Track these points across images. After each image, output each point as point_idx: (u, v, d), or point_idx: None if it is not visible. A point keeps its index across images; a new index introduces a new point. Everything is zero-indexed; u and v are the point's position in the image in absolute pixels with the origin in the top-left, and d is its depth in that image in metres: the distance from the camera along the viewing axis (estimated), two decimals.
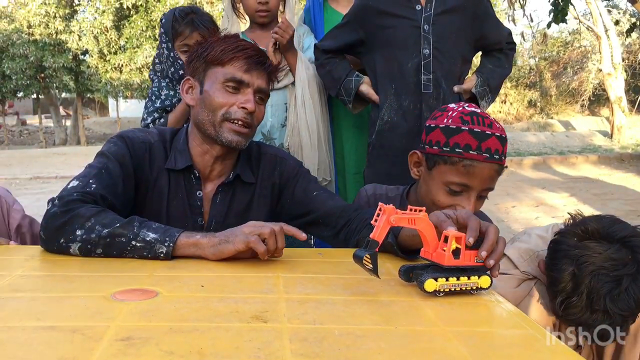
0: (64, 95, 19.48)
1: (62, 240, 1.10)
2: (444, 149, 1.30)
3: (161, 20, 2.04)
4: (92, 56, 14.83)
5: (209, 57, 1.33)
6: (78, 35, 14.50)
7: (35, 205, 6.71)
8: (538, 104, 19.44)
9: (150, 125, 1.96)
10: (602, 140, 14.04)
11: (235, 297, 0.89)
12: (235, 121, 1.32)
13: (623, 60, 15.62)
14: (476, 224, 0.94)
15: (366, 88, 2.01)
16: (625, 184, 7.81)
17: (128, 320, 0.77)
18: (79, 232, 1.09)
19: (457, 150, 1.28)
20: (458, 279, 0.92)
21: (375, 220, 0.90)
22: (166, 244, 1.08)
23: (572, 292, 1.20)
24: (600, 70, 15.12)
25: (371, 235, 0.89)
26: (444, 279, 0.91)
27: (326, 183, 2.07)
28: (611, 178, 8.43)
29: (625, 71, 15.95)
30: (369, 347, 0.72)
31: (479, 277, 0.94)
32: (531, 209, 6.23)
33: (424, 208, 0.93)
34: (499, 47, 2.07)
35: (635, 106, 17.27)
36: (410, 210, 0.93)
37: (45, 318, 0.78)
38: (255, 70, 1.33)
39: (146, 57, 13.93)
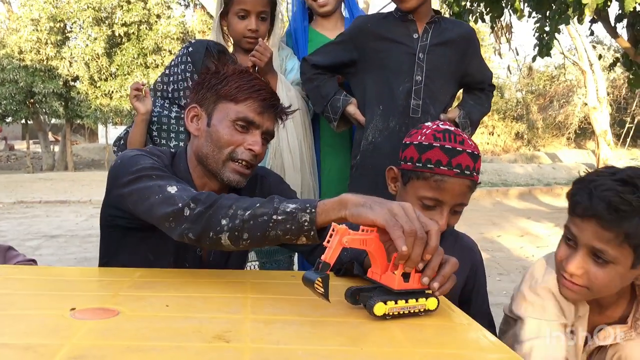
0: (53, 121, 19.43)
1: (211, 235, 1.04)
2: (417, 164, 1.34)
3: (187, 47, 2.00)
4: (82, 82, 14.87)
5: (223, 92, 1.30)
6: (69, 61, 14.54)
7: (16, 230, 6.63)
8: (525, 136, 19.68)
9: (123, 135, 1.96)
10: None
11: (200, 317, 0.87)
12: (240, 161, 1.30)
13: (608, 94, 15.91)
14: (420, 247, 0.90)
15: (353, 109, 2.02)
16: None
17: (84, 338, 0.75)
18: (224, 222, 1.03)
19: (428, 165, 1.32)
20: (406, 302, 0.91)
21: (328, 242, 0.87)
22: (308, 211, 0.98)
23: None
24: (586, 104, 15.38)
25: (322, 257, 0.86)
26: (393, 302, 0.90)
27: None
28: None
29: (610, 105, 16.24)
30: None
31: (426, 299, 0.93)
32: (516, 238, 6.24)
33: (376, 228, 0.91)
34: (481, 87, 2.15)
35: (620, 140, 17.53)
36: (363, 230, 0.90)
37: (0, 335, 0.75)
38: (266, 113, 1.32)
39: None
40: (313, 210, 0.98)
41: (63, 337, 0.75)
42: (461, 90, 2.21)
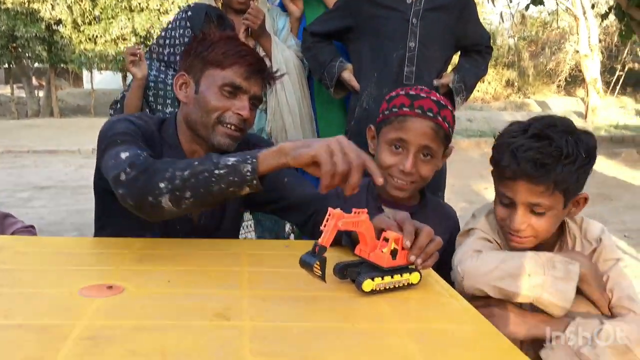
0: (36, 65, 18.97)
1: (150, 199, 1.06)
2: (385, 113, 1.47)
3: (186, 11, 1.99)
4: (65, 26, 14.48)
5: (209, 58, 1.32)
6: (51, 4, 14.11)
7: (6, 180, 6.63)
8: (516, 83, 19.61)
9: (119, 99, 1.99)
10: (576, 121, 14.07)
11: (200, 294, 0.92)
12: (229, 125, 1.32)
13: (600, 41, 15.81)
14: (411, 228, 1.00)
15: (348, 75, 2.04)
16: (594, 167, 7.96)
17: (94, 318, 0.80)
18: (162, 185, 1.05)
19: (393, 110, 1.44)
20: (392, 277, 0.97)
21: (324, 226, 0.92)
22: (249, 161, 1.03)
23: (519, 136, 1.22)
24: (577, 51, 15.30)
25: (319, 241, 0.91)
26: (380, 278, 0.96)
27: None
28: None
29: (602, 53, 16.17)
30: (326, 346, 0.76)
31: (410, 274, 1.00)
32: None
33: (366, 210, 0.96)
34: (478, 49, 2.14)
35: (610, 87, 17.54)
36: (354, 213, 0.96)
37: (13, 315, 0.80)
38: (253, 78, 1.33)
39: (121, 29, 13.65)
40: (254, 160, 1.03)
41: (74, 317, 0.80)
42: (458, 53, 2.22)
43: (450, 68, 2.17)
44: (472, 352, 0.78)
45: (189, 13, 1.96)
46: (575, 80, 18.62)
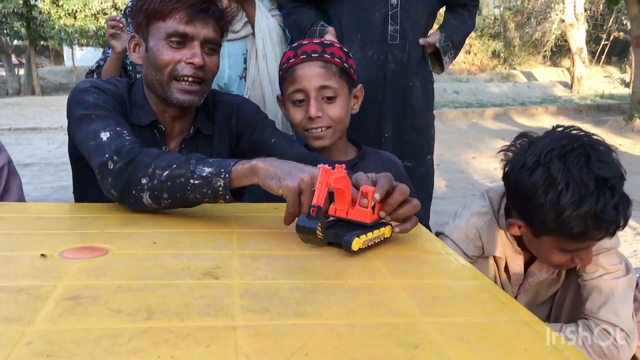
0: (15, 42, 18.56)
1: (134, 192, 1.06)
2: (279, 74, 1.52)
3: None
4: (43, 1, 14.10)
5: (149, 11, 1.24)
6: None
7: None
8: (502, 54, 19.55)
9: (95, 68, 1.93)
10: (562, 91, 14.29)
11: (188, 254, 0.89)
12: (184, 78, 1.25)
13: (585, 10, 15.75)
14: (384, 182, 0.95)
15: (330, 38, 1.98)
16: None
17: (76, 279, 0.76)
18: (144, 181, 1.05)
19: (283, 67, 1.48)
20: (372, 233, 0.94)
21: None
22: (222, 176, 1.03)
23: (554, 189, 1.15)
24: (563, 20, 15.23)
25: (314, 202, 0.88)
26: (364, 235, 0.92)
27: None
28: None
29: (587, 22, 16.12)
30: (319, 302, 0.73)
31: (384, 227, 0.97)
32: (491, 160, 6.36)
33: (344, 165, 0.93)
34: (463, 3, 2.09)
35: (595, 57, 17.55)
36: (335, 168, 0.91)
37: None
38: (198, 20, 1.24)
39: (101, 3, 13.33)
40: (227, 175, 1.03)
41: (55, 278, 0.76)
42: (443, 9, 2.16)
43: (435, 26, 2.12)
44: (471, 305, 0.76)
45: None
46: (560, 50, 18.62)
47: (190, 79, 1.26)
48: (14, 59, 18.13)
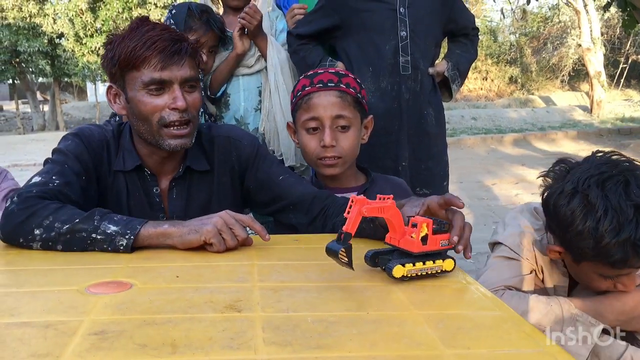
0: (40, 80, 19.09)
1: (21, 240, 1.11)
2: (293, 102, 1.52)
3: (171, 10, 1.99)
4: (67, 39, 14.52)
5: (122, 62, 1.22)
6: (53, 18, 14.17)
7: None
8: (519, 80, 19.52)
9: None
10: (582, 115, 14.18)
11: (210, 287, 0.90)
12: (172, 124, 1.24)
13: (602, 34, 15.72)
14: (460, 219, 0.98)
15: None
16: None
17: (102, 314, 0.78)
18: (37, 232, 1.09)
19: (298, 94, 1.50)
20: (424, 264, 0.94)
21: (348, 212, 0.90)
22: (127, 237, 1.08)
23: (592, 216, 1.13)
24: (580, 45, 15.20)
25: (344, 228, 0.89)
26: (411, 264, 0.93)
27: (303, 169, 2.07)
28: (590, 154, 8.53)
29: (604, 46, 16.08)
30: (341, 334, 0.73)
31: (443, 261, 0.97)
32: (511, 186, 6.31)
33: (392, 195, 0.94)
34: (465, 32, 2.16)
35: (614, 81, 17.44)
36: (379, 199, 0.94)
37: (19, 314, 0.78)
38: (172, 63, 1.21)
39: None
40: (132, 237, 1.08)
41: (81, 313, 0.78)
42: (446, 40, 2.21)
43: (440, 56, 2.17)
44: (494, 336, 0.75)
45: (173, 11, 1.97)
46: (578, 74, 18.52)
47: (177, 123, 1.24)
48: (38, 96, 18.64)
